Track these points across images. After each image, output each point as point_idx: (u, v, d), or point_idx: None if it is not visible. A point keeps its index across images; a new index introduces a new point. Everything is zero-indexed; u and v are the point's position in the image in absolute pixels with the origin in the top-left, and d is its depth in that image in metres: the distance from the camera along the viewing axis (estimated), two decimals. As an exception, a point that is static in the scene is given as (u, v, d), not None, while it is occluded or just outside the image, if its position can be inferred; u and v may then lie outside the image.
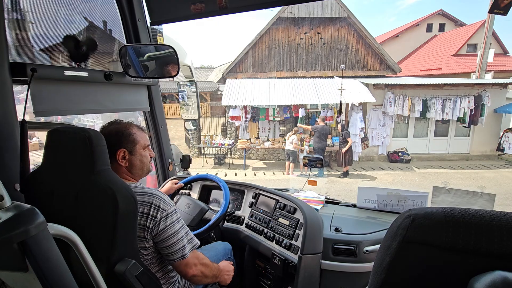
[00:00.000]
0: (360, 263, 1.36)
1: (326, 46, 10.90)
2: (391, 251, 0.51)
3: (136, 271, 0.87)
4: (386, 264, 0.52)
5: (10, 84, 0.99)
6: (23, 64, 1.02)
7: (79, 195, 0.86)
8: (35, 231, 0.54)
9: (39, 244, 0.55)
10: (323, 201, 1.92)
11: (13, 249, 0.52)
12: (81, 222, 0.82)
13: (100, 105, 1.41)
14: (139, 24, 1.61)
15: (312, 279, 1.39)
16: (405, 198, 1.68)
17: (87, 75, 1.27)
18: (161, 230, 1.00)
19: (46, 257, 0.56)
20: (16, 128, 1.00)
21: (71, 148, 0.88)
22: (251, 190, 1.84)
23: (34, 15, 1.31)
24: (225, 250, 1.56)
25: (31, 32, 1.29)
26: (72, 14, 1.45)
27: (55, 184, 0.90)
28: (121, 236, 0.85)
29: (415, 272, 0.50)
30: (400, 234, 0.50)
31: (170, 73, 1.50)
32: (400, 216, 0.52)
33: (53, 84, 1.16)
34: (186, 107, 2.06)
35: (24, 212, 0.55)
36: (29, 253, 0.54)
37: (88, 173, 0.85)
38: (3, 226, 0.51)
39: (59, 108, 1.21)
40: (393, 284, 0.52)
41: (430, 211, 0.49)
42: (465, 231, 0.46)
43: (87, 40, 1.38)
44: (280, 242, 1.51)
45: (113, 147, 1.04)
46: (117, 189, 0.84)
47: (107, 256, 0.83)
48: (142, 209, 0.98)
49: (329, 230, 1.52)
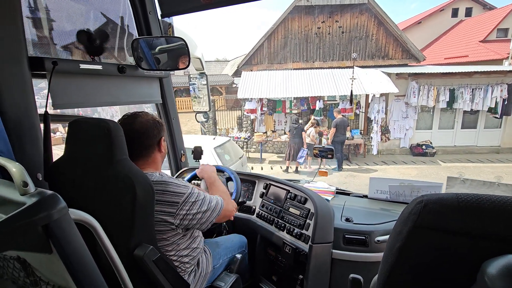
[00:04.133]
0: (372, 253, 1.36)
1: (344, 35, 10.47)
2: (402, 236, 0.52)
3: (154, 256, 0.91)
4: (396, 249, 0.52)
5: (30, 78, 1.02)
6: (42, 58, 1.04)
7: (99, 184, 0.89)
8: (57, 215, 0.57)
9: (62, 227, 0.58)
10: (334, 191, 1.90)
11: (38, 232, 0.55)
12: (101, 210, 0.83)
13: (114, 97, 1.43)
14: (150, 17, 1.62)
15: (323, 268, 1.40)
16: (418, 189, 1.64)
17: (101, 68, 1.29)
18: (188, 212, 1.04)
19: (68, 240, 0.59)
20: (36, 120, 1.04)
21: (91, 138, 0.91)
22: (262, 180, 1.86)
23: (48, 10, 1.32)
24: (241, 243, 1.59)
25: (47, 26, 1.31)
26: (85, 8, 1.46)
27: (76, 174, 0.94)
28: (139, 223, 0.88)
29: (425, 257, 0.51)
30: (412, 220, 0.50)
31: (181, 65, 1.51)
32: (412, 202, 0.52)
33: (69, 78, 1.19)
34: (197, 99, 2.04)
35: (47, 197, 0.57)
36: (53, 236, 0.57)
37: (107, 162, 0.88)
38: (29, 210, 0.54)
39: (75, 101, 1.24)
40: (403, 269, 0.53)
41: (443, 196, 0.49)
42: (478, 216, 0.46)
43: (101, 33, 1.40)
44: (291, 231, 1.52)
45: (156, 136, 1.11)
46: (135, 178, 0.86)
47: (126, 242, 0.87)
48: (160, 197, 1.01)
49: (340, 220, 1.52)
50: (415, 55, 10.26)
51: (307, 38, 10.60)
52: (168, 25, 1.78)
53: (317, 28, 10.51)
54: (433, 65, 10.64)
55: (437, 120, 9.08)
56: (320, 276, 1.40)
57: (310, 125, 7.56)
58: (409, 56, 10.31)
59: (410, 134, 8.87)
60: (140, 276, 0.91)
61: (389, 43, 10.34)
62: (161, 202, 1.02)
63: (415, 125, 8.94)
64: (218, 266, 1.37)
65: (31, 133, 1.02)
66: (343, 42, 10.53)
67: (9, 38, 0.95)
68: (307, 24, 10.51)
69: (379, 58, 10.48)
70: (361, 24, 10.32)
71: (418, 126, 9.05)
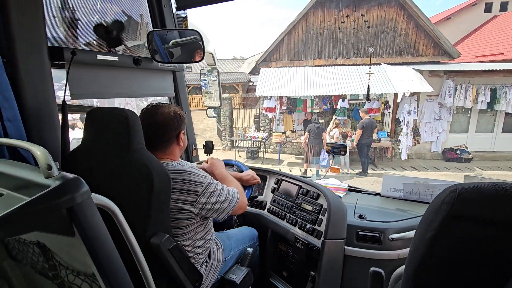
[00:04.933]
0: (385, 251, 1.34)
1: (370, 30, 9.82)
2: (434, 225, 0.50)
3: (170, 245, 0.91)
4: (428, 239, 0.51)
5: (49, 68, 1.03)
6: (61, 48, 1.05)
7: (116, 172, 0.90)
8: (80, 199, 0.57)
9: (84, 211, 0.58)
10: (346, 188, 1.89)
11: (62, 214, 0.56)
12: (117, 199, 0.79)
13: (129, 89, 1.43)
14: (165, 10, 1.62)
15: (336, 264, 1.39)
16: (433, 187, 1.60)
17: (117, 60, 1.29)
18: (207, 201, 1.06)
19: (91, 224, 0.60)
20: (55, 110, 1.05)
21: (109, 127, 0.92)
22: (273, 175, 1.85)
23: (67, 1, 1.33)
24: (251, 235, 1.58)
25: (66, 18, 1.32)
26: (102, 0, 1.47)
27: (93, 162, 0.94)
28: (155, 212, 0.89)
29: (459, 247, 0.50)
30: (445, 209, 0.49)
31: (195, 58, 1.50)
32: (444, 190, 0.51)
33: (87, 68, 1.19)
34: (208, 94, 2.04)
35: (70, 181, 0.57)
36: (76, 219, 0.57)
37: (125, 151, 0.88)
38: (54, 192, 0.54)
39: (92, 91, 1.25)
40: (435, 259, 0.51)
41: (479, 185, 0.48)
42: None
43: (117, 25, 1.39)
44: (303, 227, 1.50)
45: (176, 129, 1.12)
46: (152, 167, 0.87)
47: (143, 230, 0.87)
48: (181, 186, 1.02)
49: (353, 216, 1.50)
50: (449, 52, 9.44)
51: (330, 33, 10.03)
52: (183, 18, 1.78)
53: (341, 22, 9.91)
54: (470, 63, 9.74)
55: (474, 123, 8.26)
56: (332, 272, 1.39)
57: (333, 126, 7.02)
58: (441, 52, 9.51)
59: (443, 137, 8.11)
60: (155, 265, 0.89)
61: (420, 39, 9.58)
62: (181, 190, 1.02)
63: (448, 128, 8.17)
64: (229, 258, 1.37)
65: (50, 122, 1.04)
66: (369, 38, 9.88)
67: (31, 28, 0.96)
68: (330, 19, 9.94)
69: (408, 54, 9.75)
70: (389, 18, 9.64)
71: (452, 129, 8.28)
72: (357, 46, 9.99)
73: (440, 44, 9.37)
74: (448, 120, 8.00)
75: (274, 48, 10.25)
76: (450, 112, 7.91)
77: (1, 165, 0.71)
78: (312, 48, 10.19)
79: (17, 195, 0.59)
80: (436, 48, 9.54)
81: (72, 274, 0.67)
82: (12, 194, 0.60)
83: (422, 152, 8.46)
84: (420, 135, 8.06)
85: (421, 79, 7.43)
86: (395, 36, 9.71)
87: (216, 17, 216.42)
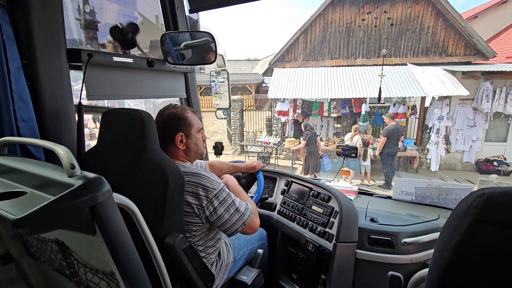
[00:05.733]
0: (398, 255, 1.32)
1: (394, 28, 9.06)
2: (461, 231, 0.49)
3: (183, 245, 0.92)
4: (454, 244, 0.50)
5: (67, 69, 1.06)
6: (79, 50, 1.08)
7: (131, 173, 0.91)
8: (102, 198, 0.58)
9: (106, 210, 0.59)
10: (357, 191, 1.85)
11: (85, 213, 0.57)
12: (133, 198, 0.79)
13: (142, 91, 1.46)
14: (178, 13, 1.64)
15: (347, 268, 1.37)
16: (446, 191, 1.59)
17: (132, 61, 1.32)
18: (216, 208, 1.03)
19: (112, 223, 0.61)
20: (72, 110, 1.08)
21: (124, 127, 0.94)
22: (283, 177, 1.84)
23: (84, 4, 1.35)
24: (261, 236, 1.57)
25: (83, 20, 1.34)
26: (117, 3, 1.50)
27: (109, 162, 0.95)
28: (170, 212, 0.89)
29: (486, 252, 0.48)
30: (472, 213, 0.48)
31: (207, 60, 1.52)
32: (471, 195, 0.50)
33: (103, 70, 1.21)
34: (218, 95, 1.95)
35: (93, 180, 0.58)
36: (98, 218, 0.58)
37: (140, 151, 0.89)
38: (77, 191, 0.55)
39: (108, 92, 1.26)
40: (461, 263, 0.50)
41: (508, 189, 0.47)
42: None
43: (132, 28, 1.39)
44: (314, 229, 1.48)
45: (172, 131, 1.10)
46: (167, 167, 0.87)
47: (157, 230, 0.87)
48: (192, 189, 1.01)
49: (365, 220, 1.48)
50: (482, 51, 8.53)
51: (349, 32, 9.35)
52: (196, 21, 1.79)
53: (362, 20, 9.22)
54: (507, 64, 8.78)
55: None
56: (343, 276, 1.37)
57: (354, 133, 6.33)
58: (473, 52, 8.63)
59: (477, 146, 7.24)
60: (169, 264, 0.88)
61: (449, 37, 8.74)
62: (192, 193, 1.01)
63: (484, 136, 7.30)
64: (239, 257, 1.36)
65: (67, 122, 1.06)
66: (392, 36, 9.12)
67: (51, 31, 0.99)
68: (350, 16, 9.26)
69: (436, 54, 8.92)
70: (415, 15, 8.87)
71: (487, 138, 7.40)
72: (379, 46, 9.24)
73: (473, 42, 8.48)
74: (484, 127, 7.14)
75: (289, 48, 9.65)
76: (486, 118, 7.05)
77: (23, 163, 0.72)
78: (330, 47, 9.53)
79: (41, 194, 0.60)
80: (467, 48, 8.66)
81: (90, 272, 0.68)
82: (36, 193, 0.61)
83: (452, 162, 7.61)
84: (450, 143, 7.23)
85: (454, 81, 6.62)
86: (421, 35, 8.91)
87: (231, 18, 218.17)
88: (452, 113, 7.19)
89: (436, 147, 6.71)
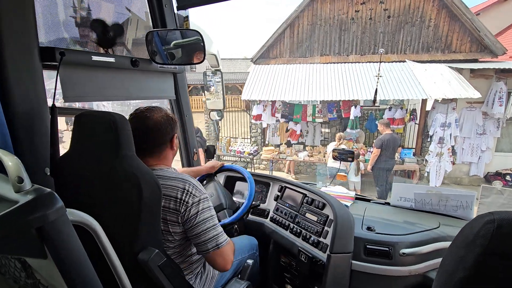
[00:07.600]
0: (396, 266, 1.26)
1: (391, 21, 8.05)
2: (467, 264, 0.43)
3: (160, 260, 0.86)
4: (458, 280, 0.44)
5: (40, 69, 1.00)
6: (53, 49, 1.00)
7: (104, 180, 0.87)
8: (54, 217, 0.52)
9: (58, 230, 0.54)
10: (353, 197, 1.80)
11: (31, 234, 0.51)
12: (106, 208, 0.80)
13: (127, 92, 1.39)
14: (165, 10, 1.58)
15: (342, 280, 1.32)
16: (447, 198, 1.55)
17: (114, 61, 1.25)
18: (193, 216, 1.00)
19: (65, 244, 0.55)
20: (46, 113, 1.02)
21: (96, 131, 0.89)
22: (276, 183, 1.81)
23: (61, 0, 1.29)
24: (251, 245, 1.54)
25: (59, 16, 1.28)
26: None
27: (82, 169, 0.91)
28: (145, 224, 0.84)
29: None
30: (480, 244, 0.42)
31: (196, 60, 1.49)
32: (477, 220, 0.44)
33: (81, 70, 1.16)
34: (212, 95, 1.91)
35: (43, 196, 0.53)
36: (48, 240, 0.52)
37: (113, 157, 0.85)
38: (21, 209, 0.50)
39: (87, 93, 1.21)
40: None
41: None
42: None
43: (114, 25, 1.36)
44: (307, 238, 1.45)
45: (169, 133, 1.09)
46: (141, 176, 0.83)
47: (130, 245, 0.83)
48: (174, 193, 0.99)
49: (361, 228, 1.43)
50: (491, 47, 7.47)
51: (341, 25, 8.33)
52: (184, 18, 1.74)
53: (355, 11, 8.20)
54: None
55: (530, 140, 6.32)
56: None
57: (339, 142, 5.28)
58: (480, 48, 7.58)
59: (487, 157, 6.20)
60: (145, 281, 0.86)
61: (453, 31, 7.70)
62: (173, 198, 0.98)
63: (495, 145, 6.25)
64: None
65: (41, 126, 1.00)
66: (389, 30, 8.10)
67: (21, 27, 0.93)
68: (342, 7, 8.25)
69: (438, 50, 7.89)
70: (414, 6, 7.86)
71: (499, 147, 6.36)
72: (375, 40, 8.22)
73: (480, 38, 7.44)
74: (495, 135, 6.09)
75: (274, 43, 8.59)
76: (498, 124, 6.00)
77: None
78: (319, 42, 8.50)
79: None
80: (474, 43, 7.62)
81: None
82: None
83: (457, 176, 6.56)
84: (456, 153, 6.17)
85: (461, 81, 5.56)
86: (421, 28, 7.89)
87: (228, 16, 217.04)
88: (458, 118, 6.13)
89: (438, 159, 5.63)
